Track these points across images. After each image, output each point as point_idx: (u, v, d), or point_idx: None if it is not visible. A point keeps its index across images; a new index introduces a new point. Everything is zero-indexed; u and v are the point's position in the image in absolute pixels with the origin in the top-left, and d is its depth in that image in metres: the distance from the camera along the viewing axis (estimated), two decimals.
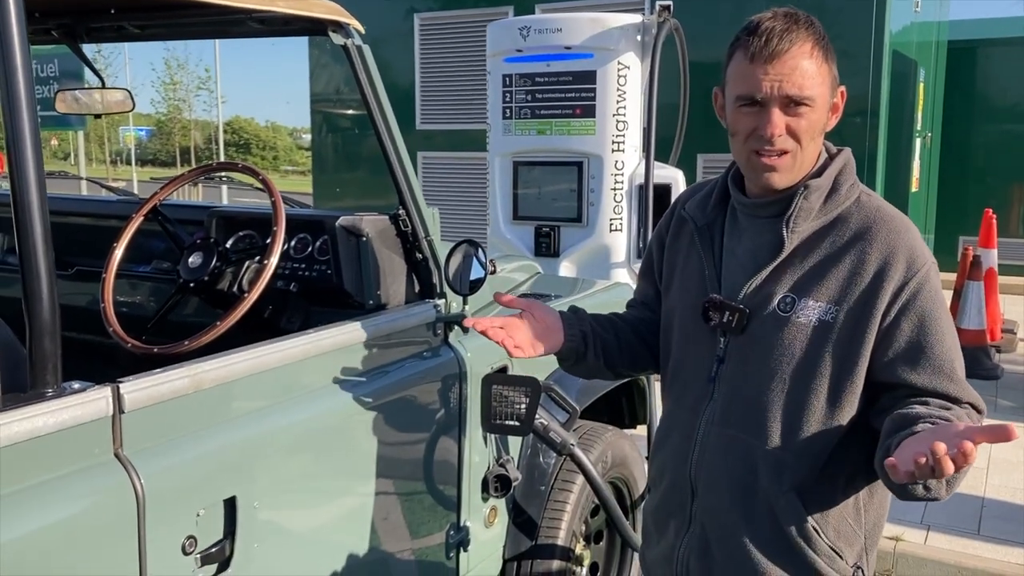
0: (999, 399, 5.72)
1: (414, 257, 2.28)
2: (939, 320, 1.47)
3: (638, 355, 1.80)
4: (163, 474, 1.50)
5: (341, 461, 1.94)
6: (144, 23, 2.21)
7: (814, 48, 1.46)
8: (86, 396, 1.41)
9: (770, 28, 1.45)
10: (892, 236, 1.48)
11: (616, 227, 4.80)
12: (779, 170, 1.49)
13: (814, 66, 1.46)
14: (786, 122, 1.46)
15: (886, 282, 1.45)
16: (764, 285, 1.53)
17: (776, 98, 1.45)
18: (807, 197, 1.51)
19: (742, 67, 1.47)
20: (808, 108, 1.46)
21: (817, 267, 1.50)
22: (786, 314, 1.51)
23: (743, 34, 1.48)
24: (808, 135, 1.48)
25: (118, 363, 2.11)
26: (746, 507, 1.55)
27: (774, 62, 1.43)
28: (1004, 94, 9.76)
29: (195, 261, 2.16)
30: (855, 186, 1.55)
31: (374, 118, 2.10)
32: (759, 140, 1.48)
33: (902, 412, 1.41)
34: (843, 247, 1.50)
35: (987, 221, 7.36)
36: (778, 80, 1.44)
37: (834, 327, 1.47)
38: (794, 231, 1.51)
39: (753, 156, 1.50)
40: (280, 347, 1.79)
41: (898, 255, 1.46)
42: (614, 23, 4.65)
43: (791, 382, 1.50)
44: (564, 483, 2.61)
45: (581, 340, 1.73)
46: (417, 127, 7.64)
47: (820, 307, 1.48)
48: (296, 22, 1.99)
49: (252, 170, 2.21)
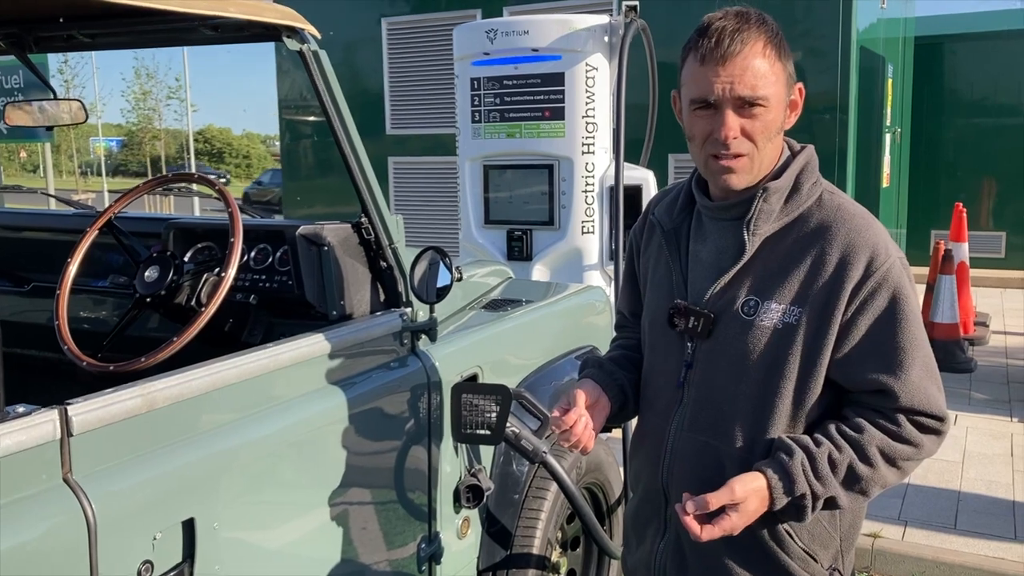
0: (973, 392, 5.76)
1: (378, 265, 2.24)
2: (898, 318, 1.44)
3: None
4: (115, 497, 1.45)
5: (306, 476, 1.89)
6: (94, 32, 2.15)
7: (766, 47, 1.43)
8: (31, 420, 1.35)
9: (720, 28, 1.42)
10: (852, 234, 1.46)
11: (588, 229, 4.78)
12: (737, 172, 1.47)
13: (767, 65, 1.43)
14: (740, 124, 1.44)
15: (846, 281, 1.44)
16: (728, 289, 1.52)
17: (729, 100, 1.42)
18: (767, 199, 1.49)
19: (694, 69, 1.45)
20: (763, 108, 1.44)
21: (779, 269, 1.49)
22: (750, 317, 1.49)
23: (695, 35, 1.46)
24: (764, 135, 1.45)
25: (78, 380, 2.06)
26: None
27: (725, 63, 1.41)
28: (971, 89, 9.86)
29: (151, 275, 2.11)
30: (817, 184, 1.53)
31: (332, 124, 2.06)
32: (714, 144, 1.45)
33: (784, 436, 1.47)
34: (804, 247, 1.48)
35: (958, 215, 7.42)
36: (729, 81, 1.41)
37: (797, 328, 1.46)
38: (755, 233, 1.49)
39: (711, 160, 1.48)
40: (237, 362, 1.74)
41: (858, 253, 1.44)
42: (581, 24, 4.62)
43: (757, 385, 1.49)
44: (538, 491, 2.57)
45: (622, 396, 1.70)
46: (387, 132, 7.58)
47: (783, 309, 1.47)
48: (249, 28, 1.94)
49: (207, 181, 2.16)
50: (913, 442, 1.45)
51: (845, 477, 1.44)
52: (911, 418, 1.45)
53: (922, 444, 1.46)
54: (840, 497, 1.44)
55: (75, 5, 1.49)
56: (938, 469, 4.37)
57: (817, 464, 1.42)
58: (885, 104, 7.59)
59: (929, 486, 4.17)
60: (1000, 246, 9.84)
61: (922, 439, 1.46)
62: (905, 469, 1.48)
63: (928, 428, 1.47)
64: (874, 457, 1.43)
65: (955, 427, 5.03)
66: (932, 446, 1.48)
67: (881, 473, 1.45)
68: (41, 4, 1.49)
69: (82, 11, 2.05)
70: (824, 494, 1.43)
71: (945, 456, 4.57)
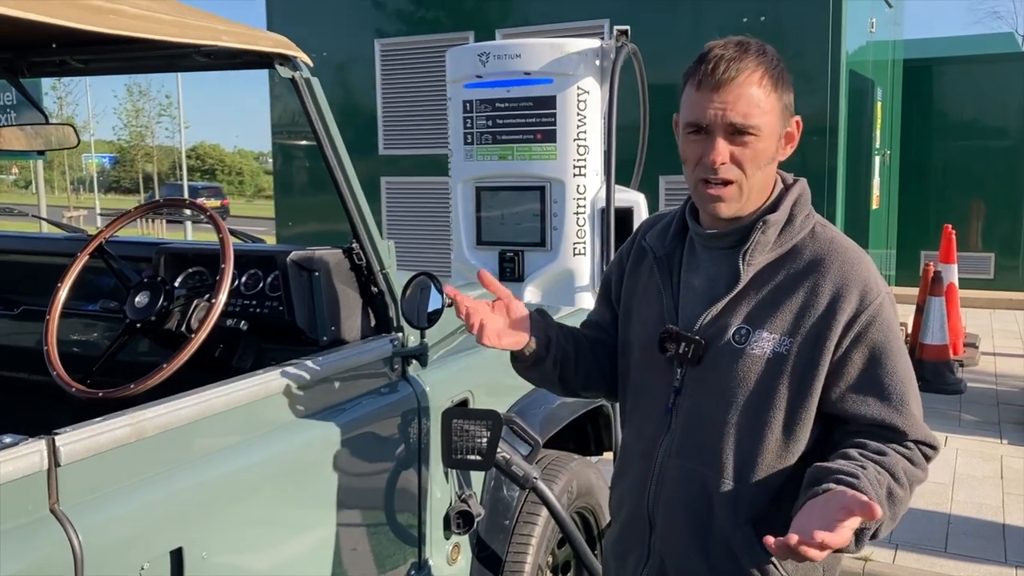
0: (963, 414, 5.77)
1: (369, 291, 2.24)
2: (891, 353, 1.47)
3: (592, 376, 1.77)
4: (103, 528, 1.44)
5: (296, 504, 1.88)
6: (87, 58, 2.16)
7: (763, 77, 1.45)
8: (18, 451, 1.34)
9: (719, 56, 1.44)
10: (845, 267, 1.47)
11: (580, 251, 4.79)
12: (725, 200, 1.49)
13: (761, 94, 1.45)
14: (731, 150, 1.45)
15: (839, 314, 1.45)
16: (720, 316, 1.53)
17: (720, 126, 1.44)
18: (764, 231, 1.51)
19: (690, 94, 1.47)
20: (754, 137, 1.45)
21: (771, 299, 1.50)
22: (741, 346, 1.50)
23: (694, 62, 1.48)
24: (753, 164, 1.47)
25: (67, 403, 2.05)
26: (703, 540, 1.54)
27: (720, 90, 1.43)
28: (960, 111, 9.94)
29: (142, 300, 2.10)
30: (810, 216, 1.55)
31: (324, 150, 2.06)
32: (704, 168, 1.47)
33: (825, 463, 1.42)
34: (797, 279, 1.49)
35: (947, 237, 7.47)
36: (722, 107, 1.43)
37: (788, 359, 1.47)
38: (750, 263, 1.51)
39: (700, 184, 1.50)
40: (228, 389, 1.74)
41: (851, 287, 1.46)
42: (573, 48, 4.65)
43: (746, 414, 1.49)
44: (529, 516, 2.57)
45: (544, 345, 1.68)
46: (380, 151, 7.60)
47: (774, 339, 1.48)
48: (243, 55, 1.95)
49: (198, 206, 2.16)
50: (923, 468, 1.48)
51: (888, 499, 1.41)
52: (921, 448, 1.49)
53: (927, 471, 1.50)
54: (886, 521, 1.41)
55: (68, 32, 1.50)
56: (928, 491, 4.37)
57: (881, 489, 1.39)
58: (874, 126, 7.65)
59: (919, 508, 4.17)
60: (989, 267, 9.90)
61: (927, 467, 1.50)
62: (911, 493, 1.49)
63: (929, 457, 1.50)
64: (902, 479, 1.43)
65: (945, 449, 5.04)
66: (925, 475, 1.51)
67: (909, 496, 1.46)
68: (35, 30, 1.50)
69: (75, 37, 2.06)
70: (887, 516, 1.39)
71: (935, 478, 4.57)
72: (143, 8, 1.67)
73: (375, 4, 7.68)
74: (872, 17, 7.25)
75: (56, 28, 1.49)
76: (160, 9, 1.71)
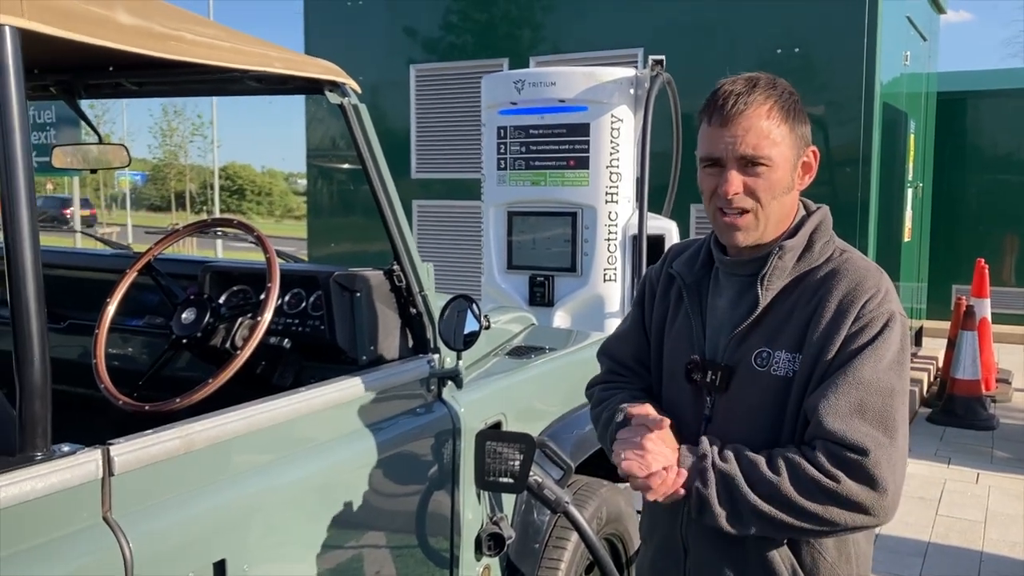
0: (995, 450, 5.70)
1: (408, 312, 2.28)
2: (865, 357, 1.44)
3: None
4: (152, 537, 1.48)
5: (333, 520, 1.92)
6: (142, 80, 2.23)
7: (772, 109, 1.50)
8: (76, 459, 1.39)
9: (728, 92, 1.50)
10: (854, 282, 1.50)
11: (610, 277, 4.81)
12: (742, 228, 1.53)
13: (771, 126, 1.49)
14: (744, 181, 1.50)
15: (842, 327, 1.47)
16: (741, 342, 1.56)
17: (732, 158, 1.50)
18: (781, 257, 1.55)
19: (704, 130, 1.54)
20: (766, 167, 1.50)
21: (785, 318, 1.54)
22: (762, 368, 1.53)
23: (707, 100, 1.54)
24: (768, 193, 1.51)
25: (109, 416, 2.10)
26: (739, 566, 1.56)
27: (729, 124, 1.49)
28: (994, 144, 9.87)
29: (188, 317, 2.16)
30: (830, 243, 1.58)
31: (369, 175, 2.11)
32: (719, 199, 1.52)
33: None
34: (809, 296, 1.53)
35: (979, 271, 7.40)
36: (732, 141, 1.49)
37: (800, 375, 1.50)
38: (768, 288, 1.55)
39: (718, 214, 1.55)
40: (272, 406, 1.78)
41: (856, 299, 1.48)
42: (607, 77, 4.70)
43: (772, 434, 1.52)
44: (559, 540, 2.58)
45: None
46: (413, 175, 7.68)
47: (788, 357, 1.51)
48: (293, 81, 2.01)
49: (247, 226, 2.22)
50: (825, 471, 1.40)
51: (745, 465, 1.44)
52: (828, 446, 1.42)
53: (839, 478, 1.40)
54: (737, 478, 1.43)
55: (125, 55, 1.55)
56: (960, 528, 4.32)
57: (723, 450, 1.48)
58: (907, 159, 7.62)
59: (951, 545, 4.12)
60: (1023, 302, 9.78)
61: (837, 472, 1.40)
62: (820, 502, 1.40)
63: (847, 462, 1.40)
64: (780, 467, 1.42)
65: (976, 486, 4.98)
66: (858, 490, 1.40)
67: (786, 487, 1.40)
68: (95, 54, 1.56)
69: (131, 60, 2.13)
70: (724, 468, 1.44)
71: (967, 515, 4.52)
72: (201, 35, 1.73)
73: (411, 30, 7.79)
74: (906, 50, 7.25)
75: (117, 52, 1.54)
76: (216, 35, 1.77)
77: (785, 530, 1.45)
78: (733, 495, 1.44)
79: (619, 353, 1.81)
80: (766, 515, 1.43)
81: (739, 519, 1.45)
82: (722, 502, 1.45)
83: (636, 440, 1.51)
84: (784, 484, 1.41)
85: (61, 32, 1.39)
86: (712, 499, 1.45)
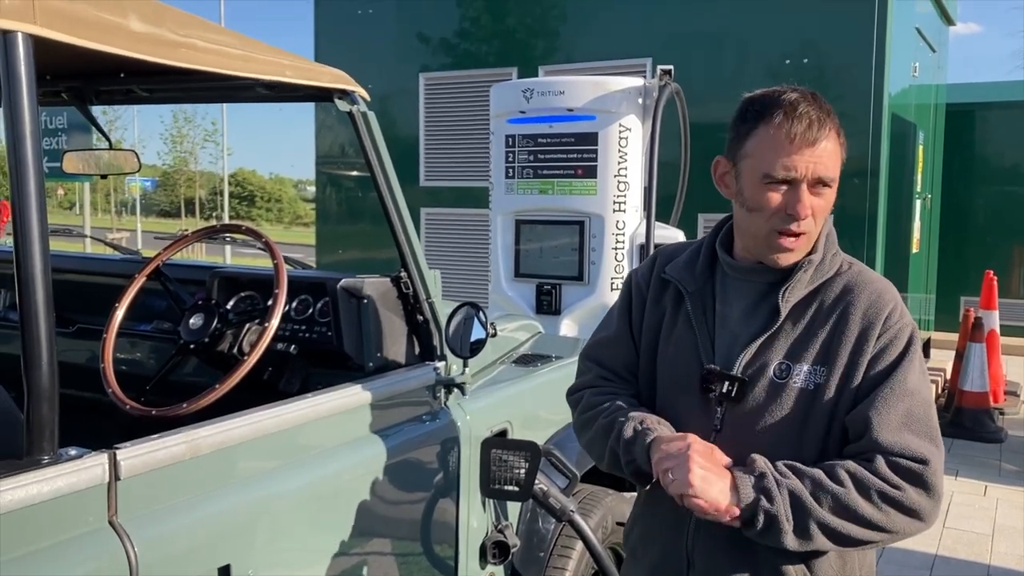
0: (1003, 463, 5.67)
1: (415, 319, 2.28)
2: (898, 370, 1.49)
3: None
4: (157, 542, 1.49)
5: (338, 526, 1.92)
6: (153, 87, 2.24)
7: (838, 133, 1.52)
8: (82, 463, 1.40)
9: (806, 111, 1.48)
10: (874, 296, 1.53)
11: (617, 286, 4.81)
12: (795, 250, 1.54)
13: (838, 149, 1.52)
14: (812, 202, 1.50)
15: (869, 340, 1.50)
16: (760, 353, 1.55)
17: (808, 179, 1.49)
18: (806, 270, 1.56)
19: (776, 146, 1.48)
20: (829, 189, 1.52)
21: (807, 332, 1.54)
22: (782, 380, 1.53)
23: (773, 112, 1.48)
24: (823, 214, 1.54)
25: (116, 420, 2.11)
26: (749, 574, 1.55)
27: (815, 146, 1.48)
28: (1002, 156, 9.85)
29: (196, 322, 2.17)
30: (837, 255, 1.61)
31: (378, 182, 2.12)
32: (787, 219, 1.50)
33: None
34: (829, 310, 1.54)
35: (988, 283, 7.38)
36: (814, 162, 1.48)
37: (824, 388, 1.51)
38: (788, 300, 1.55)
39: (774, 234, 1.52)
40: (278, 411, 1.78)
41: (879, 313, 1.52)
42: (616, 87, 4.71)
43: (786, 447, 1.51)
44: (564, 549, 2.57)
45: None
46: (421, 183, 7.70)
47: (812, 370, 1.52)
48: (303, 89, 2.02)
49: (255, 232, 2.23)
50: (889, 480, 1.42)
51: (808, 479, 1.43)
52: (888, 458, 1.44)
53: (902, 487, 1.43)
54: (803, 496, 1.42)
55: (137, 62, 1.57)
56: (967, 541, 4.30)
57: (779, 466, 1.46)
58: (916, 170, 7.61)
59: (958, 558, 4.10)
60: None
61: (900, 481, 1.43)
62: (885, 511, 1.43)
63: (909, 472, 1.43)
64: (844, 479, 1.43)
65: (984, 498, 4.95)
66: (918, 498, 1.43)
67: (853, 497, 1.41)
68: (106, 61, 1.58)
69: (143, 67, 2.14)
70: (788, 485, 1.42)
71: (974, 528, 4.50)
72: (212, 42, 1.74)
73: (420, 39, 7.82)
74: (915, 61, 7.24)
75: (129, 59, 1.55)
76: (228, 43, 1.78)
77: (849, 542, 1.45)
78: (801, 510, 1.43)
79: (608, 361, 1.75)
80: (832, 527, 1.42)
81: (805, 533, 1.43)
82: (788, 518, 1.43)
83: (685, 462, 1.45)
84: (851, 495, 1.42)
85: (73, 39, 1.40)
86: (780, 515, 1.42)
